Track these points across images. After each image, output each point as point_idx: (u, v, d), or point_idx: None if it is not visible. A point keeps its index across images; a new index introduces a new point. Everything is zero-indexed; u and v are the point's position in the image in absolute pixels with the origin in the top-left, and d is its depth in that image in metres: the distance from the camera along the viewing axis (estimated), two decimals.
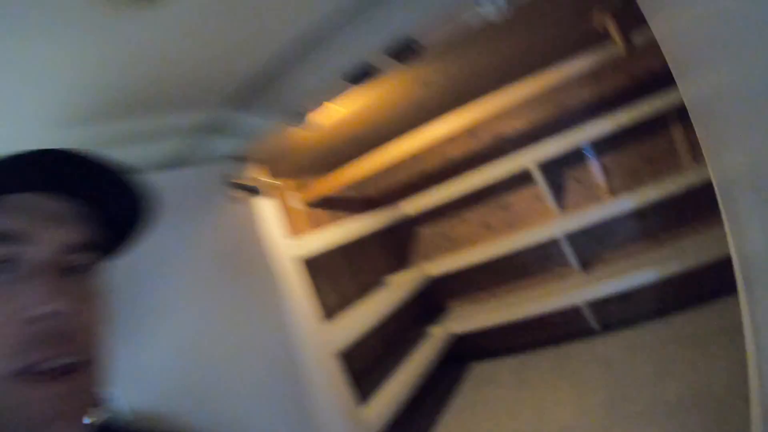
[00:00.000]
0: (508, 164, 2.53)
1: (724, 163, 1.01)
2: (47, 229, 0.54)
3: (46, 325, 0.50)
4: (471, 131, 2.67)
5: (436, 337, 2.68)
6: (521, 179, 2.66)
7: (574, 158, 2.57)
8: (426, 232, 3.10)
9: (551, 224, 2.53)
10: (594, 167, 2.59)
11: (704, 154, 1.10)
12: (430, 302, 3.10)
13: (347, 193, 2.88)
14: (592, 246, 2.62)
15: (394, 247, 3.18)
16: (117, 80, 1.03)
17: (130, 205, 0.62)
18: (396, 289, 2.58)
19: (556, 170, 2.60)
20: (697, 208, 2.33)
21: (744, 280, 1.08)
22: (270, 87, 1.33)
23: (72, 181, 0.56)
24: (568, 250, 2.56)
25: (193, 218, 1.51)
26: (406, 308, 2.79)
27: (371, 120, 2.08)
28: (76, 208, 0.57)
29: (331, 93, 1.34)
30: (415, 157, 2.67)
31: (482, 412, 2.37)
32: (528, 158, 2.47)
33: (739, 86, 0.76)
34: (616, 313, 2.57)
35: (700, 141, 1.08)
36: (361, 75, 1.23)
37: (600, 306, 2.55)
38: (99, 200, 0.59)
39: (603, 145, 2.53)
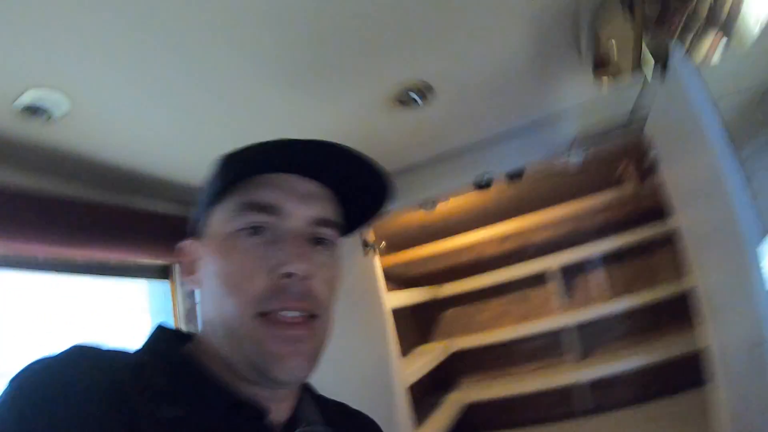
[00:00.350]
0: (531, 266, 3.20)
1: (704, 277, 1.61)
2: (299, 204, 0.61)
3: (290, 281, 0.57)
4: (505, 237, 3.37)
5: (453, 403, 3.13)
6: (540, 279, 3.29)
7: (584, 266, 3.26)
8: (451, 313, 3.65)
9: (560, 317, 3.15)
10: (599, 274, 3.28)
11: (690, 270, 1.73)
12: (445, 376, 3.54)
13: (396, 270, 3.48)
14: (592, 337, 3.23)
15: (422, 323, 3.70)
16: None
17: (369, 196, 0.68)
18: (425, 357, 3.07)
19: (569, 274, 3.27)
20: (677, 311, 2.90)
21: (720, 371, 1.62)
22: (415, 179, 1.99)
23: (323, 167, 0.62)
24: (572, 339, 3.17)
25: None
26: (428, 376, 3.19)
27: (440, 215, 2.77)
28: (324, 190, 0.65)
29: (458, 192, 2.03)
30: (455, 250, 3.33)
31: None
32: (548, 263, 3.15)
33: (707, 223, 1.42)
34: (608, 396, 3.12)
35: (687, 259, 1.73)
36: (483, 185, 1.92)
37: (595, 388, 3.11)
38: (344, 187, 0.66)
39: (608, 258, 3.23)
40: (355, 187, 0.66)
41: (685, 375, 2.73)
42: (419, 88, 1.28)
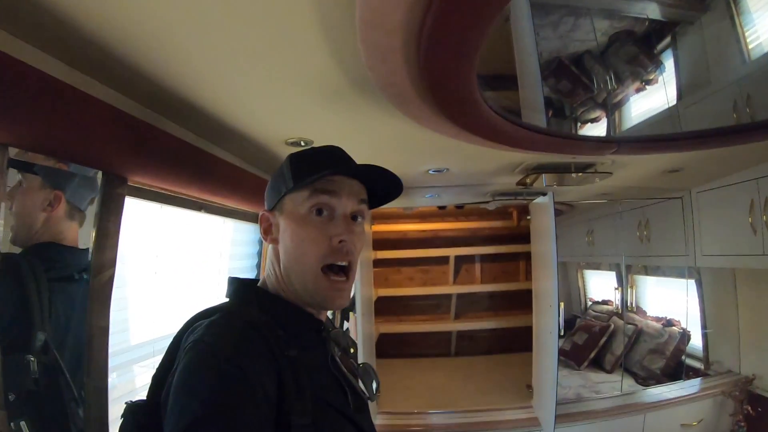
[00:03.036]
0: (436, 251, 4.72)
1: (538, 283, 3.19)
2: (349, 196, 0.88)
3: (341, 245, 0.85)
4: (424, 230, 4.85)
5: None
6: (439, 260, 4.80)
7: (469, 259, 4.86)
8: (377, 272, 4.77)
9: (447, 288, 4.74)
10: (477, 266, 4.90)
11: (532, 277, 3.31)
12: None
13: None
14: (465, 305, 4.85)
15: None
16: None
17: (386, 187, 0.96)
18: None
19: (459, 261, 4.83)
20: (522, 300, 4.47)
21: (536, 342, 3.16)
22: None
23: (362, 173, 0.91)
24: (452, 304, 4.78)
25: None
26: None
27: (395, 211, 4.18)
28: (361, 185, 0.92)
29: (423, 205, 3.45)
30: (389, 230, 4.75)
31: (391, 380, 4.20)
32: (448, 251, 4.71)
33: (541, 252, 3.02)
34: (469, 346, 4.80)
35: (532, 271, 3.31)
36: (441, 206, 3.36)
37: (461, 339, 4.76)
38: (372, 182, 0.93)
39: (485, 257, 4.84)
40: (380, 184, 0.94)
41: (517, 341, 4.35)
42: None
